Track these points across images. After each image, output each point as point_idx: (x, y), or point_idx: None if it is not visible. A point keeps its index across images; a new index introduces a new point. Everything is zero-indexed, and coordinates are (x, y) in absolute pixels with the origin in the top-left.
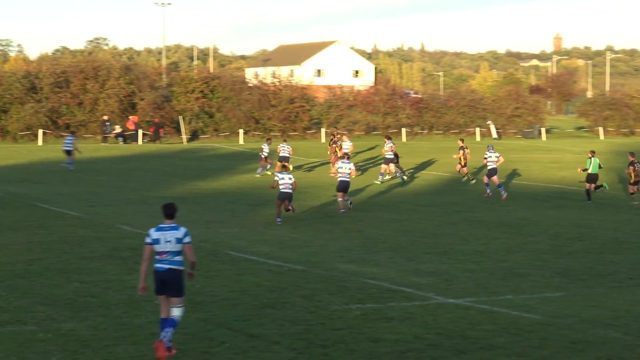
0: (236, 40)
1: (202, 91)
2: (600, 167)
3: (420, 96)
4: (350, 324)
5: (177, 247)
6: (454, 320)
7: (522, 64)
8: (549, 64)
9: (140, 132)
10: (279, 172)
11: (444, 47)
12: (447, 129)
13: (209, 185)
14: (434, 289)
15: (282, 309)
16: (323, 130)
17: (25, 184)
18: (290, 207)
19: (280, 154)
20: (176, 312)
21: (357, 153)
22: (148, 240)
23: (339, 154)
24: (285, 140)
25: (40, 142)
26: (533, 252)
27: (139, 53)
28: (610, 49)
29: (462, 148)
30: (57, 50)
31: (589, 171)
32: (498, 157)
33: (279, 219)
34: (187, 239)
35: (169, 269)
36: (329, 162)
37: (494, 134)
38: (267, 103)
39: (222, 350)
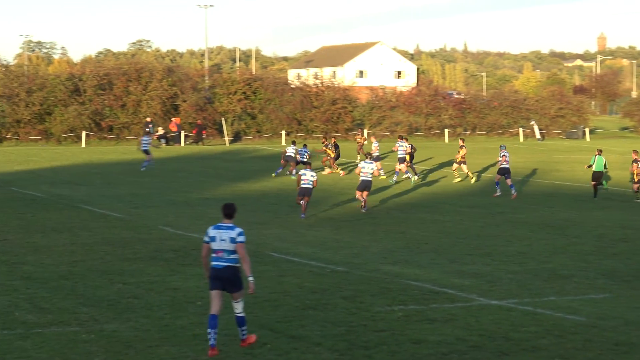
0: (278, 42)
1: (244, 93)
2: (605, 167)
3: (462, 97)
4: (393, 325)
5: (231, 246)
6: (497, 321)
7: (565, 64)
8: (593, 64)
9: (182, 133)
10: (303, 169)
11: (487, 48)
12: (490, 130)
13: (251, 186)
14: (477, 291)
15: (324, 311)
16: (365, 131)
17: (68, 186)
18: (302, 203)
19: (301, 159)
20: (239, 307)
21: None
22: (206, 238)
23: (332, 155)
24: (305, 145)
25: (83, 144)
26: (577, 254)
27: (181, 55)
28: None
29: (462, 147)
30: (100, 53)
31: (593, 169)
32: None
33: (302, 215)
34: (240, 238)
35: (226, 266)
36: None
37: (538, 135)
38: (309, 104)
39: (264, 351)
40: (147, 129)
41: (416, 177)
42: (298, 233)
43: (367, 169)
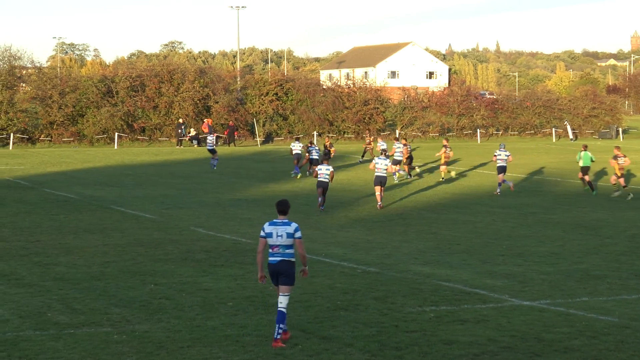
0: (310, 43)
1: (276, 94)
2: (592, 160)
3: (495, 97)
4: (424, 326)
5: (288, 242)
6: (529, 322)
7: (599, 64)
8: (626, 63)
9: (214, 135)
10: (321, 165)
11: (520, 47)
12: (523, 130)
13: (283, 187)
14: (509, 291)
15: (355, 311)
16: (397, 131)
17: (101, 187)
18: (320, 200)
19: (311, 156)
20: (284, 302)
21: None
22: (262, 233)
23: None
24: (311, 143)
25: (115, 145)
26: (610, 254)
27: (213, 56)
28: None
29: (445, 146)
30: (132, 54)
31: (581, 164)
32: (508, 156)
33: (321, 207)
34: (298, 234)
35: (281, 260)
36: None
37: (570, 135)
38: (341, 105)
39: (295, 352)
40: (180, 130)
41: (409, 176)
42: (329, 234)
43: (380, 165)
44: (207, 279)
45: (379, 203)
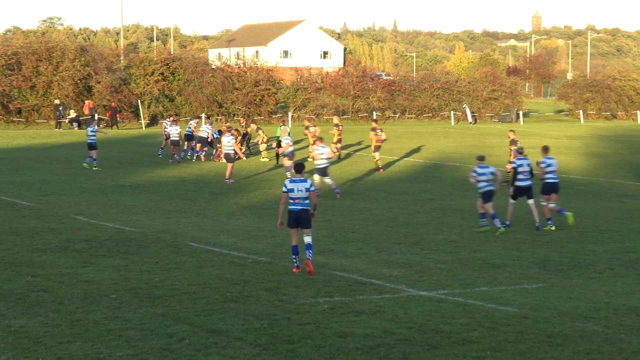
0: (198, 19)
1: (162, 73)
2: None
3: (392, 78)
4: (317, 318)
5: (306, 194)
6: (426, 313)
7: (499, 44)
8: (527, 44)
9: (95, 117)
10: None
11: (418, 27)
12: (420, 113)
13: (169, 172)
14: (406, 281)
15: (246, 303)
16: (290, 114)
17: None
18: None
19: (199, 135)
20: (308, 239)
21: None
22: (284, 189)
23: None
24: (200, 118)
25: None
26: (509, 242)
27: (95, 33)
28: (591, 29)
29: (336, 125)
30: (8, 31)
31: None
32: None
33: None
34: (312, 188)
35: (302, 209)
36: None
37: (470, 118)
38: (230, 86)
39: (182, 346)
40: (58, 112)
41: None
42: (218, 222)
43: (323, 154)
44: (89, 269)
45: (330, 188)
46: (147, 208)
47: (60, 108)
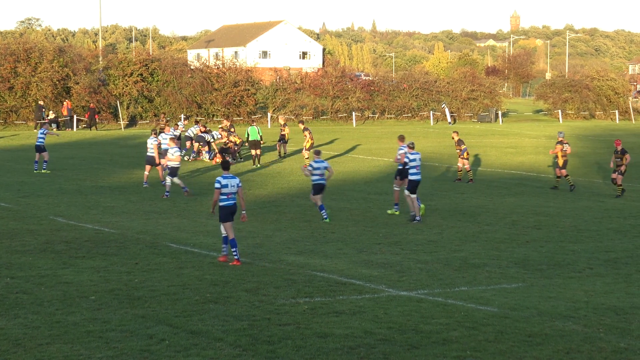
0: (177, 20)
1: (141, 74)
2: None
3: (371, 78)
4: (298, 319)
5: (236, 190)
6: (406, 313)
7: (478, 44)
8: (505, 44)
9: (74, 118)
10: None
11: (396, 27)
12: (400, 113)
13: (149, 174)
14: (385, 281)
15: (226, 304)
16: (269, 114)
17: None
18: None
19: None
20: (232, 233)
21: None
22: (217, 185)
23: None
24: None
25: None
26: (489, 242)
27: (73, 34)
28: (569, 29)
29: (305, 129)
30: None
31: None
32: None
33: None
34: (240, 184)
35: (234, 203)
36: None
37: (449, 118)
38: (209, 86)
39: (162, 348)
40: (40, 113)
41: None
42: (198, 222)
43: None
44: (68, 271)
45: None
46: (126, 209)
47: (43, 109)
